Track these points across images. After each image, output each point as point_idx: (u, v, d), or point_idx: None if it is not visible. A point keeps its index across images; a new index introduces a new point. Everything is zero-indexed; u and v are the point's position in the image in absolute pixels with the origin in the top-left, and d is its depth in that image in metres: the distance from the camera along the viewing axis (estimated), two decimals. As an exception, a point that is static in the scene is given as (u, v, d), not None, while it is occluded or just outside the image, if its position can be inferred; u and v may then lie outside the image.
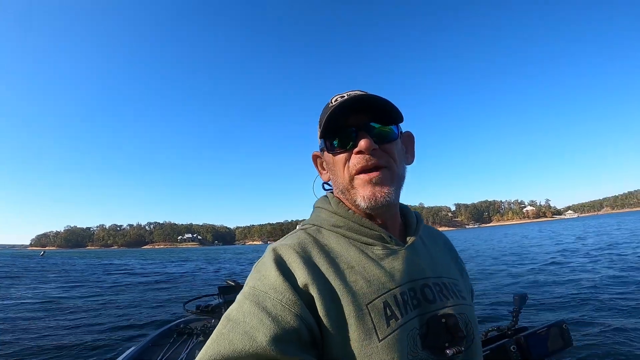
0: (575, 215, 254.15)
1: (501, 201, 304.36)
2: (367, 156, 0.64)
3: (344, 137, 0.65)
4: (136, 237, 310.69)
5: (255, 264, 0.64)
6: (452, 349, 0.58)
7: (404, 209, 0.76)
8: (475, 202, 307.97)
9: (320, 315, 0.55)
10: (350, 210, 0.69)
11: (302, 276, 0.57)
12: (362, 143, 0.62)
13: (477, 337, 0.67)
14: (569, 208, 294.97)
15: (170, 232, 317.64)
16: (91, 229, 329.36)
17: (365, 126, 0.65)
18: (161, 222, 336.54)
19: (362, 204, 0.64)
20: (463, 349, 0.60)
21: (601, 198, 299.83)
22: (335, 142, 0.67)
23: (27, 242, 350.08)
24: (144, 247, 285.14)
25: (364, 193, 0.64)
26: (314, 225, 0.71)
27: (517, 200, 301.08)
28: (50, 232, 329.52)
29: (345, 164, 0.66)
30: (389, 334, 0.55)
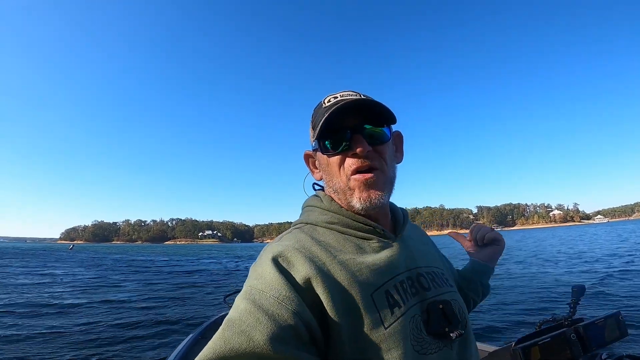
0: (605, 220, 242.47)
1: (526, 204, 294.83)
2: (362, 158, 0.66)
3: (339, 139, 0.67)
4: (159, 233, 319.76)
5: (253, 264, 0.64)
6: (455, 333, 0.62)
7: (391, 205, 0.79)
8: (498, 205, 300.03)
9: (327, 309, 0.55)
10: (343, 208, 0.71)
11: (303, 272, 0.58)
12: (357, 145, 0.65)
13: (469, 321, 0.71)
14: (598, 212, 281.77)
15: (192, 228, 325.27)
16: (117, 224, 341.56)
17: (359, 128, 0.67)
18: (183, 218, 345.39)
19: (358, 205, 0.67)
20: (463, 331, 0.64)
21: (632, 203, 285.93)
22: (329, 144, 0.68)
23: (57, 236, 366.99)
24: (166, 242, 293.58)
25: (360, 195, 0.66)
26: (307, 223, 0.72)
27: (544, 203, 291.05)
28: (79, 226, 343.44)
29: (340, 165, 0.68)
30: (394, 321, 0.58)
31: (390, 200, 0.75)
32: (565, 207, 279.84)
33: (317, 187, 0.82)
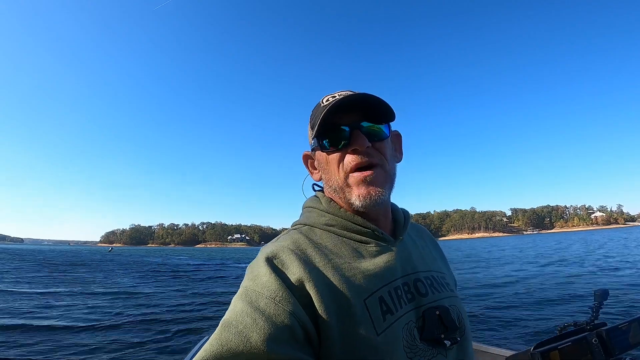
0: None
1: (565, 206, 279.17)
2: (361, 154, 0.65)
3: (338, 136, 0.66)
4: (190, 236, 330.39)
5: (249, 264, 0.64)
6: (449, 340, 0.61)
7: (392, 206, 0.78)
8: (534, 207, 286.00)
9: (319, 311, 0.55)
10: (342, 209, 0.70)
11: (297, 273, 0.57)
12: (356, 141, 0.64)
13: (467, 327, 0.69)
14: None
15: (221, 232, 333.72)
16: (152, 228, 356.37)
17: (358, 125, 0.66)
18: (213, 222, 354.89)
19: (357, 202, 0.66)
20: (459, 339, 0.63)
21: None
22: (328, 141, 0.67)
23: (97, 239, 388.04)
24: (197, 245, 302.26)
25: (359, 192, 0.65)
26: (305, 225, 0.72)
27: (584, 205, 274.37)
28: (117, 230, 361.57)
29: (339, 162, 0.67)
30: (387, 328, 0.57)
31: (395, 202, 0.76)
32: (609, 209, 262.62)
33: (317, 188, 0.81)
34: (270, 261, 0.59)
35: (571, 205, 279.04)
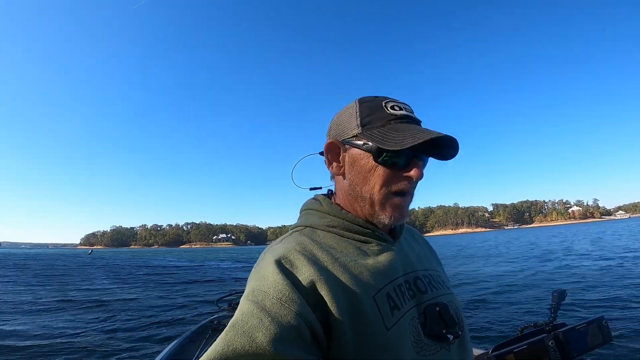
0: (627, 216, 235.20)
1: (544, 201, 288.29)
2: (413, 184, 0.66)
3: (399, 155, 0.64)
4: (175, 237, 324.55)
5: (255, 266, 0.64)
6: (452, 334, 0.63)
7: None
8: (514, 202, 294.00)
9: (332, 310, 0.56)
10: (343, 211, 0.71)
11: (307, 274, 0.58)
12: (416, 172, 0.65)
13: (465, 323, 0.71)
14: (619, 208, 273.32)
15: (206, 232, 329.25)
16: (134, 229, 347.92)
17: (422, 156, 0.67)
18: (197, 222, 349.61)
19: (387, 221, 0.67)
20: (460, 333, 0.65)
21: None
22: (387, 154, 0.64)
23: (77, 241, 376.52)
24: (182, 246, 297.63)
25: (392, 214, 0.67)
26: (306, 226, 0.72)
27: (562, 200, 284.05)
28: (98, 232, 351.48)
29: (385, 177, 0.66)
30: (395, 323, 0.59)
31: None
32: (585, 203, 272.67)
33: (316, 192, 0.81)
34: (279, 262, 0.59)
35: (549, 200, 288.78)
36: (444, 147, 0.67)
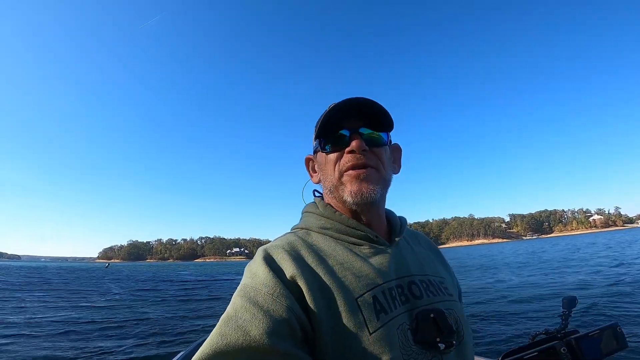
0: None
1: (563, 210, 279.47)
2: (358, 155, 0.69)
3: (338, 138, 0.71)
4: (189, 251, 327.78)
5: (247, 264, 0.67)
6: (444, 343, 0.60)
7: (389, 213, 0.81)
8: (532, 212, 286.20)
9: (311, 307, 0.57)
10: (337, 212, 0.73)
11: (289, 270, 0.60)
12: (354, 143, 0.68)
13: (467, 333, 0.68)
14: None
15: (220, 246, 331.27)
16: (150, 243, 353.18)
17: (357, 129, 0.71)
18: (211, 236, 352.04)
19: (349, 199, 0.68)
20: (455, 342, 0.62)
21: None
22: (328, 143, 0.72)
23: (95, 255, 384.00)
24: (196, 260, 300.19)
25: (351, 188, 0.68)
26: (302, 228, 0.75)
27: (582, 209, 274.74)
28: (115, 246, 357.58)
29: (336, 162, 0.71)
30: (379, 327, 0.57)
31: (393, 210, 0.80)
32: (607, 212, 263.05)
33: (317, 194, 0.84)
34: (266, 259, 0.62)
35: (569, 209, 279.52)
36: (376, 117, 0.71)
